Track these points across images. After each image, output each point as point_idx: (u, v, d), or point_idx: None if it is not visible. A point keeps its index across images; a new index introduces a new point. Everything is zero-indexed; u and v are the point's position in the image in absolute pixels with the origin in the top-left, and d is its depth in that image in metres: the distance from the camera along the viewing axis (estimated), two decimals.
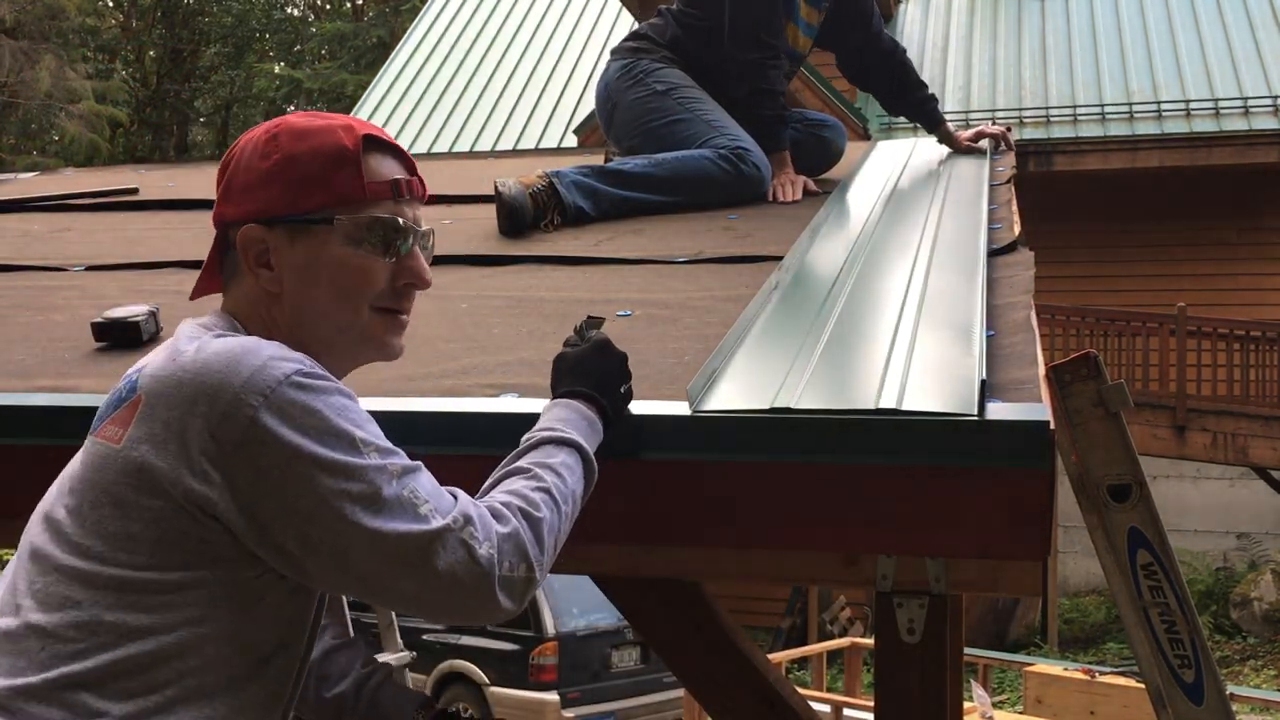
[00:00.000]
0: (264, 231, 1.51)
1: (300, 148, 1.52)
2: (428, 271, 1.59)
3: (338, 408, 1.37)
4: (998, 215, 2.84)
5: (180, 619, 1.35)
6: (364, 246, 1.52)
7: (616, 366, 1.62)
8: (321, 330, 1.52)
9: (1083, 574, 13.61)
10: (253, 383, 1.34)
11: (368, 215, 1.52)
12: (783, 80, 3.57)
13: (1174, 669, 1.83)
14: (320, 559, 1.35)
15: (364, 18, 32.96)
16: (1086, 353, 1.80)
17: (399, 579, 1.35)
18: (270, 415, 1.32)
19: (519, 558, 1.40)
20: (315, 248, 1.51)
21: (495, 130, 16.53)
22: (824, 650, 8.55)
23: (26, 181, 4.52)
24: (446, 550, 1.34)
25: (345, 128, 1.55)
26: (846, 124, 9.70)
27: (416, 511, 1.35)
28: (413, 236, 1.56)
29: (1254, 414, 11.89)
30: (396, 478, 1.36)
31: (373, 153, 1.55)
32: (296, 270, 1.51)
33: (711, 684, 1.86)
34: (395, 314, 1.57)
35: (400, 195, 1.56)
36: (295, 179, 1.51)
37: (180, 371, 1.37)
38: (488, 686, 9.79)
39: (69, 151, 25.89)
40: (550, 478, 1.48)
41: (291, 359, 1.38)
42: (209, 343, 1.40)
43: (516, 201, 2.99)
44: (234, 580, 1.37)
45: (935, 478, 1.50)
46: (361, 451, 1.35)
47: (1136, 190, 14.19)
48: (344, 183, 1.51)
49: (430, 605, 1.38)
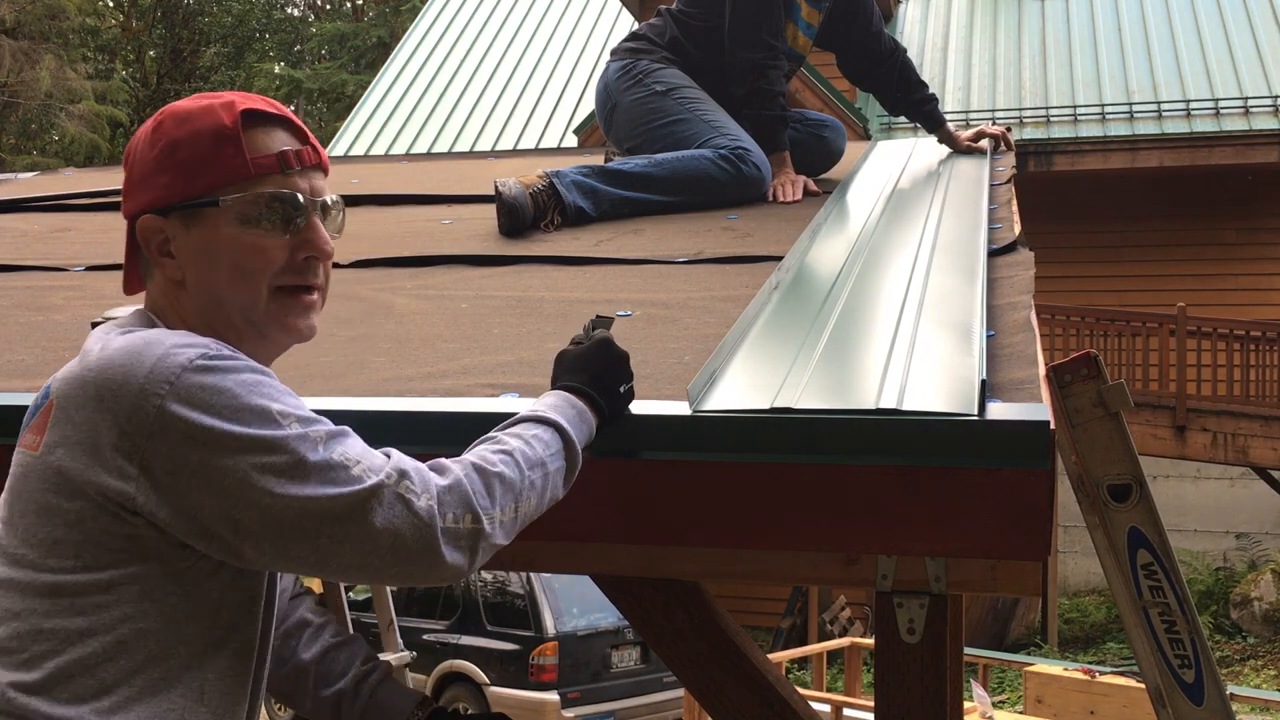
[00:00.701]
0: (161, 221, 1.50)
1: (181, 132, 1.50)
2: (327, 241, 1.55)
3: (249, 384, 1.34)
4: (998, 215, 2.85)
5: (117, 617, 1.34)
6: (256, 224, 1.49)
7: (616, 364, 1.61)
8: (227, 315, 1.49)
9: (1083, 574, 13.62)
10: (156, 373, 1.32)
11: (255, 192, 1.49)
12: (783, 80, 3.57)
13: (1174, 669, 1.83)
14: (255, 540, 1.32)
15: (364, 18, 32.98)
16: (1086, 353, 1.80)
17: (339, 545, 1.32)
18: (178, 403, 1.30)
19: (463, 508, 1.37)
20: (209, 231, 1.48)
21: (495, 130, 16.54)
22: (824, 650, 8.55)
23: (26, 181, 4.52)
24: (383, 506, 1.32)
25: (225, 105, 1.52)
26: (846, 124, 9.70)
27: (349, 473, 1.33)
28: (308, 208, 1.52)
29: (1254, 414, 11.89)
30: (322, 443, 1.34)
31: (256, 127, 1.51)
32: (195, 256, 1.49)
33: (711, 684, 1.86)
34: (300, 292, 1.53)
35: (289, 167, 1.51)
36: (180, 164, 1.49)
37: (85, 372, 1.36)
38: (488, 686, 9.79)
39: (69, 151, 25.91)
40: (516, 443, 1.46)
41: (196, 344, 1.36)
42: (112, 340, 1.39)
43: (516, 201, 2.99)
44: (167, 573, 1.35)
45: (935, 478, 1.50)
46: (280, 423, 1.33)
47: (1136, 190, 14.19)
48: (227, 162, 1.48)
49: (376, 568, 1.34)
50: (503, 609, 10.05)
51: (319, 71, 30.61)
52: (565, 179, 3.10)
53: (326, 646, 1.97)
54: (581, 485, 1.57)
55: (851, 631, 11.39)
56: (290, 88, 30.16)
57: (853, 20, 3.82)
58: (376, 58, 28.16)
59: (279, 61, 33.31)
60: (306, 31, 34.07)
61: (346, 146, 16.74)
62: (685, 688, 2.62)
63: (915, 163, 3.71)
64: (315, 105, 32.30)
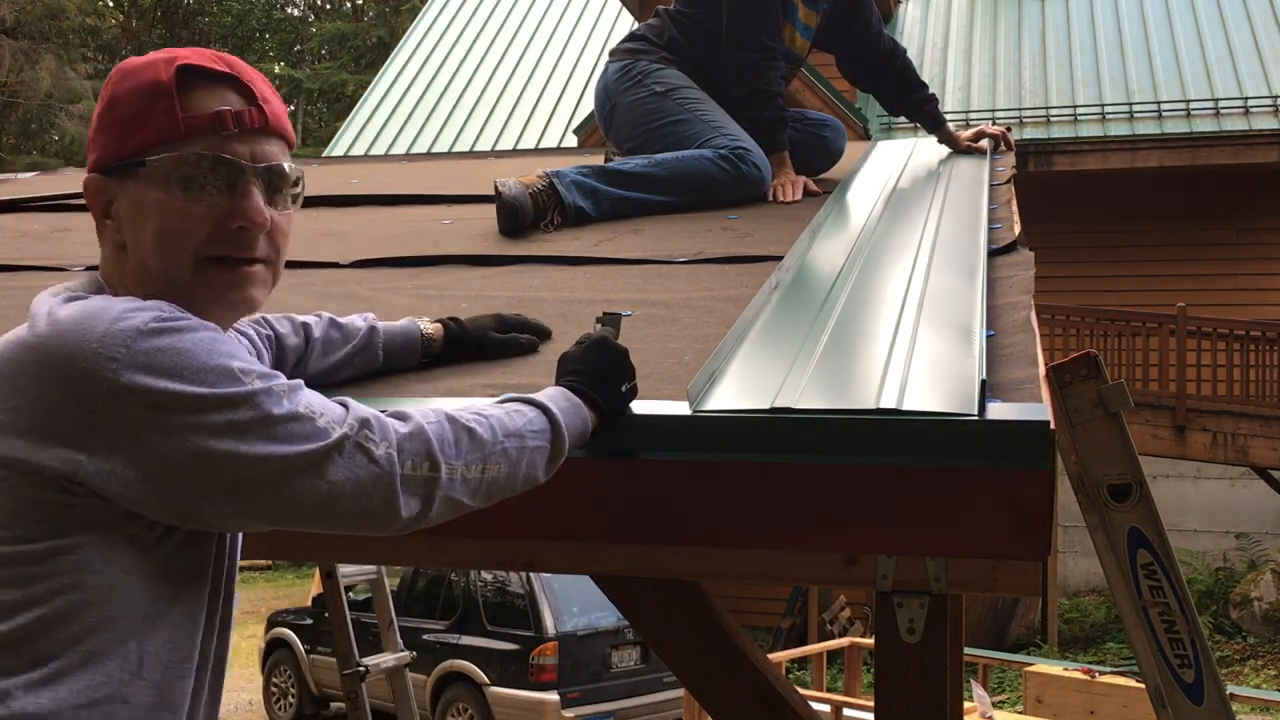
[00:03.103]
0: (104, 181, 1.44)
1: (122, 88, 1.43)
2: (260, 211, 1.43)
3: (206, 342, 1.30)
4: (998, 215, 2.84)
5: (54, 588, 1.29)
6: (182, 188, 1.40)
7: (615, 362, 1.61)
8: (155, 282, 1.41)
9: (1083, 574, 13.61)
10: (108, 339, 1.27)
11: (182, 154, 1.40)
12: (781, 81, 3.57)
13: (1174, 669, 1.83)
14: (215, 499, 1.29)
15: (364, 18, 32.99)
16: (1086, 353, 1.80)
17: (301, 498, 1.30)
18: (134, 369, 1.26)
19: (421, 455, 1.35)
20: (139, 194, 1.41)
21: (495, 130, 16.54)
22: (824, 650, 8.55)
23: (26, 181, 4.52)
24: (344, 456, 1.31)
25: (168, 60, 1.43)
26: (846, 124, 9.69)
27: (315, 424, 1.30)
28: (242, 173, 1.42)
29: (1254, 414, 11.89)
30: (286, 396, 1.31)
31: (197, 84, 1.42)
32: (129, 219, 1.42)
33: (711, 684, 1.86)
34: (235, 263, 1.44)
35: (224, 128, 1.41)
36: (115, 121, 1.43)
37: (32, 338, 1.31)
38: (488, 686, 9.79)
39: (69, 151, 25.92)
40: (496, 412, 1.44)
41: (146, 307, 1.31)
42: (58, 308, 1.33)
43: (516, 201, 2.99)
44: (107, 543, 1.30)
45: (935, 478, 1.50)
46: (242, 380, 1.29)
47: (1136, 190, 14.19)
48: (159, 120, 1.40)
49: (336, 520, 1.33)
50: (503, 609, 10.05)
51: (319, 71, 30.62)
52: (565, 179, 3.10)
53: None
54: (581, 485, 1.57)
55: (851, 631, 11.39)
56: (290, 88, 30.17)
57: (852, 22, 3.82)
58: (376, 58, 28.15)
59: (279, 61, 33.31)
60: (306, 31, 34.08)
61: (346, 146, 16.73)
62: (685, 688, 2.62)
63: (915, 163, 3.70)
64: (315, 105, 32.32)
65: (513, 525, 1.59)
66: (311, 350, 1.81)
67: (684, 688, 5.09)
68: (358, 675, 4.69)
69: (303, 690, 11.35)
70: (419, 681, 9.80)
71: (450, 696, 10.07)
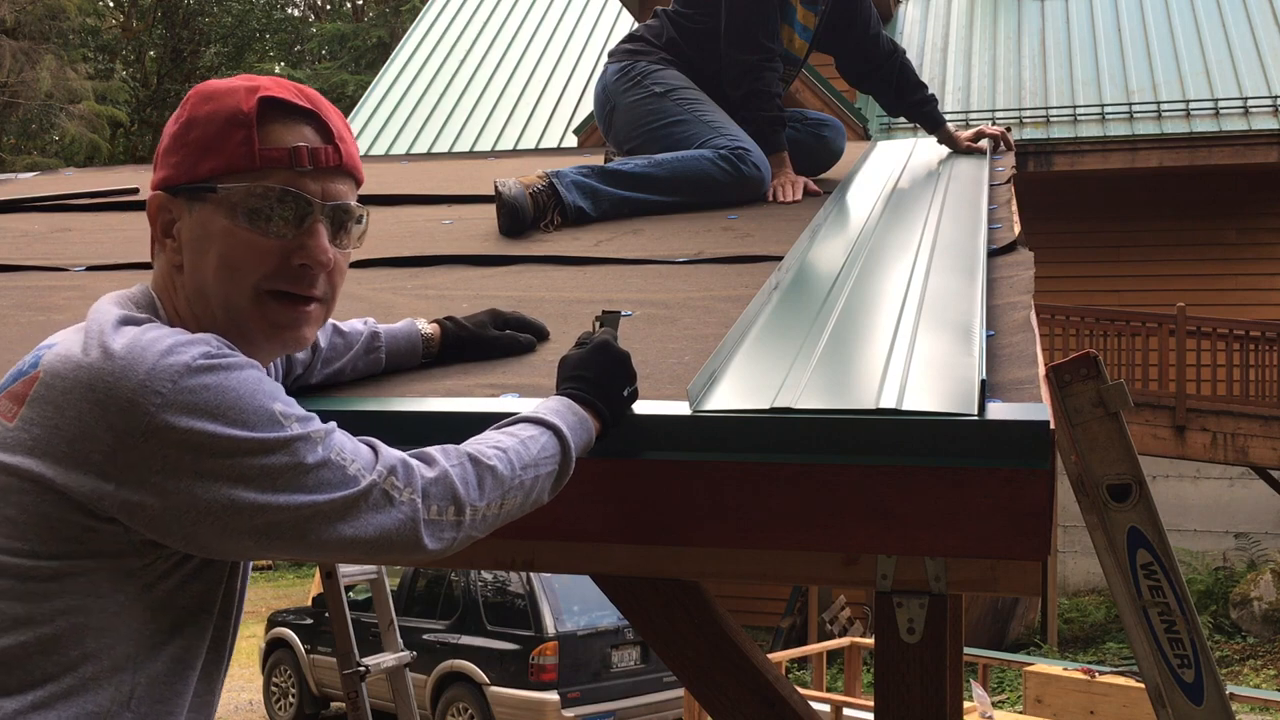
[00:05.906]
0: (169, 200, 1.44)
1: (202, 111, 1.44)
2: (325, 250, 1.44)
3: (251, 382, 1.30)
4: (998, 215, 2.85)
5: (59, 608, 1.28)
6: (251, 219, 1.41)
7: (617, 366, 1.61)
8: (211, 308, 1.42)
9: (1083, 574, 13.62)
10: (155, 375, 1.26)
11: (253, 185, 1.41)
12: (779, 82, 3.57)
13: (1174, 669, 1.83)
14: (243, 540, 1.30)
15: (364, 18, 32.99)
16: (1086, 353, 1.80)
17: (325, 541, 1.32)
18: (175, 409, 1.26)
19: (446, 500, 1.37)
20: (205, 218, 1.42)
21: (495, 130, 16.54)
22: (824, 650, 8.55)
23: (26, 181, 4.52)
24: (369, 503, 1.32)
25: (250, 88, 1.44)
26: (846, 124, 9.70)
27: (345, 472, 1.32)
28: (311, 211, 1.43)
29: (1254, 414, 11.90)
30: (321, 443, 1.32)
31: (277, 116, 1.43)
32: (191, 242, 1.43)
33: (711, 684, 1.86)
34: (293, 300, 1.45)
35: (299, 164, 1.43)
36: (193, 143, 1.43)
37: (85, 362, 1.29)
38: (488, 686, 9.79)
39: (69, 151, 25.92)
40: (512, 442, 1.45)
41: (195, 342, 1.31)
42: (112, 337, 1.31)
43: (516, 201, 2.99)
44: (120, 570, 1.30)
45: (935, 477, 1.50)
46: (282, 424, 1.30)
47: (1136, 190, 14.19)
48: (235, 148, 1.41)
49: (358, 558, 1.37)
50: (503, 609, 10.05)
51: (319, 71, 30.61)
52: (565, 179, 3.10)
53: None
54: (581, 485, 1.57)
55: (851, 631, 11.39)
56: None
57: (851, 23, 3.82)
58: (376, 58, 28.17)
59: (279, 62, 33.33)
60: (306, 32, 34.08)
61: None
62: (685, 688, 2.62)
63: (915, 163, 3.71)
64: None
65: (513, 525, 1.58)
66: (317, 358, 1.82)
67: (684, 687, 5.10)
68: (358, 675, 4.69)
69: (303, 690, 11.36)
70: (419, 681, 9.80)
71: (450, 696, 10.08)
